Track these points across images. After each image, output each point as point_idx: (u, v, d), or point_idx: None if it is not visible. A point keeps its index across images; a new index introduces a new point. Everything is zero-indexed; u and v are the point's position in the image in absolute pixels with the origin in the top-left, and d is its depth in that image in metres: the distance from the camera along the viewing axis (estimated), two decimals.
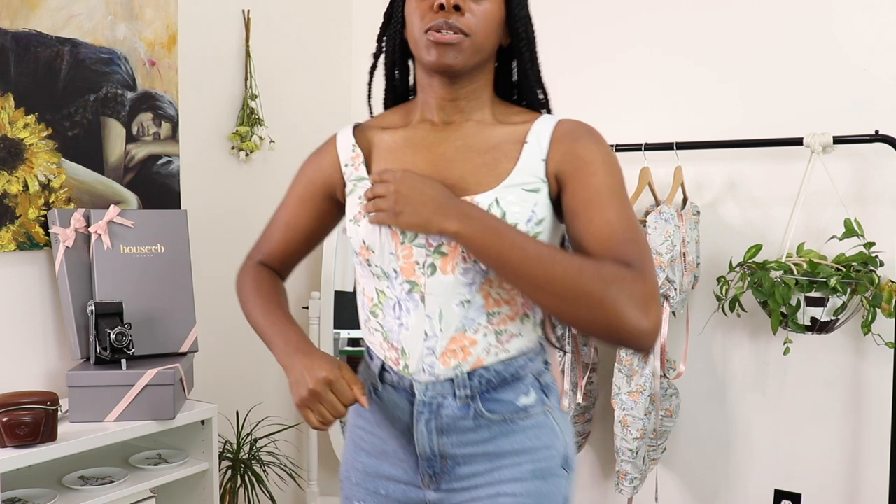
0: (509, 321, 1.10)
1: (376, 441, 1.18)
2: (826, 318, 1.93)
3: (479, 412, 1.09)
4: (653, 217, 2.05)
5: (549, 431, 1.13)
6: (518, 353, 1.11)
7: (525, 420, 1.11)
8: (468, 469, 1.12)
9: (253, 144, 2.47)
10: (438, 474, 1.13)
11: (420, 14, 1.07)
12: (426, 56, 1.07)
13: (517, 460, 1.11)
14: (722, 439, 2.30)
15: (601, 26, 2.45)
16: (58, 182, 2.00)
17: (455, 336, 1.08)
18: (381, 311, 1.13)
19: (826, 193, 2.05)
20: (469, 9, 1.05)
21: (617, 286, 0.93)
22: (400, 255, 1.09)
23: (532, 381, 1.12)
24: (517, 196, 1.06)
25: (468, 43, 1.06)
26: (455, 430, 1.10)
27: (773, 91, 2.19)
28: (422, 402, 1.11)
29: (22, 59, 1.92)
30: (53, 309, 2.01)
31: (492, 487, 1.11)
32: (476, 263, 1.06)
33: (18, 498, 1.73)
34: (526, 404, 1.11)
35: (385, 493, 1.18)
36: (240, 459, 2.40)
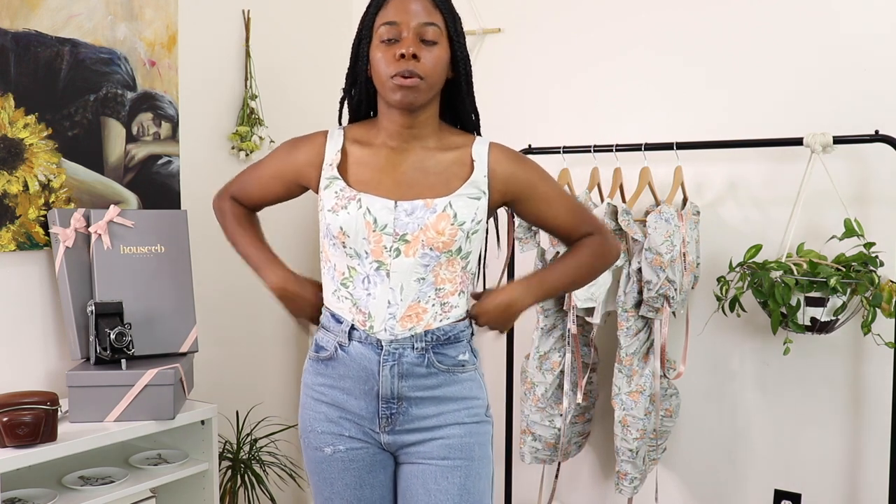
0: (451, 295, 1.42)
1: (338, 393, 1.43)
2: (826, 318, 1.93)
3: (431, 361, 1.40)
4: (653, 217, 2.05)
5: (478, 385, 1.47)
6: (455, 320, 1.43)
7: (462, 373, 1.43)
8: (419, 411, 1.41)
9: (253, 144, 2.47)
10: (394, 415, 1.41)
11: (386, 61, 1.35)
12: (392, 96, 1.36)
13: (456, 407, 1.42)
14: (722, 439, 2.30)
15: (601, 27, 2.45)
16: (58, 182, 2.00)
17: (411, 304, 1.39)
18: (351, 283, 1.41)
19: (826, 193, 2.05)
20: (424, 56, 1.35)
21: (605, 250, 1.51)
22: (371, 239, 1.38)
23: (466, 344, 1.45)
24: (464, 202, 1.39)
25: (424, 85, 1.36)
26: (412, 375, 1.40)
27: (773, 91, 2.19)
28: (387, 352, 1.39)
29: (22, 59, 1.92)
30: (53, 309, 2.01)
31: (439, 430, 1.41)
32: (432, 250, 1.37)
33: (18, 498, 1.73)
34: (463, 360, 1.43)
35: (349, 434, 1.44)
36: (240, 459, 2.40)
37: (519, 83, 2.61)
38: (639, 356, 2.13)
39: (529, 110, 2.58)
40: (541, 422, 2.27)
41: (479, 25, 2.64)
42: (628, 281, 2.11)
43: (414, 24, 1.34)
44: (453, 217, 1.37)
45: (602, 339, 2.36)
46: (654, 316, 2.08)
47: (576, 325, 2.19)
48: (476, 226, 1.40)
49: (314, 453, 1.47)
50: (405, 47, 1.33)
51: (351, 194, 1.39)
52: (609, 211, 2.11)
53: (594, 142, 2.28)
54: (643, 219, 2.12)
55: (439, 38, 1.37)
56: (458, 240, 1.37)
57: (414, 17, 1.35)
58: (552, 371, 2.26)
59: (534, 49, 2.57)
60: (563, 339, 2.27)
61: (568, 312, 2.18)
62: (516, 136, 2.54)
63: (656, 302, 2.05)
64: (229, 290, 2.51)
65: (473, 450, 1.42)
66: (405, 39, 1.34)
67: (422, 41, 1.35)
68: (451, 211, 1.37)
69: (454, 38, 1.40)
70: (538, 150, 2.38)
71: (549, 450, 2.29)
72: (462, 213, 1.38)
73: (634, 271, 2.10)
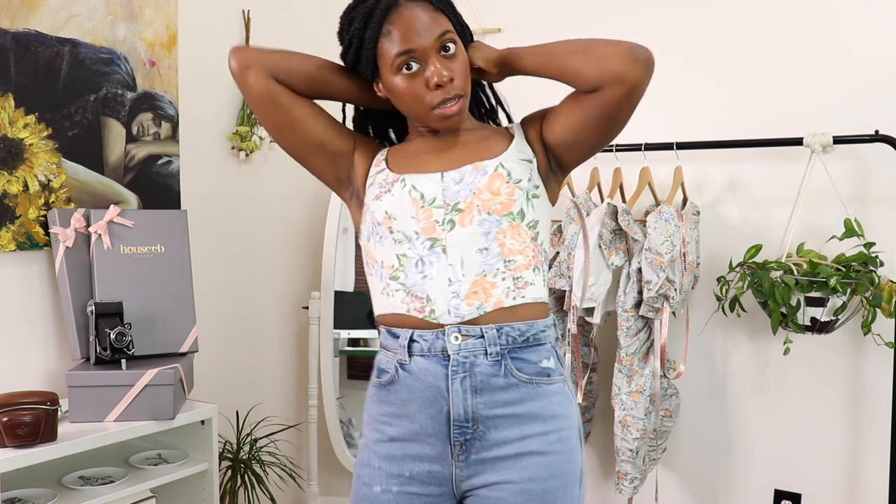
0: (524, 269, 1.22)
1: (403, 422, 1.23)
2: (826, 318, 1.93)
3: (510, 369, 1.19)
4: (653, 217, 2.05)
5: (567, 400, 1.24)
6: (533, 301, 1.22)
7: (548, 385, 1.22)
8: (498, 434, 1.19)
9: (253, 144, 2.47)
10: (469, 441, 1.20)
11: (416, 93, 1.22)
12: (439, 125, 1.26)
13: (543, 428, 1.19)
14: (722, 439, 2.30)
15: (601, 27, 2.44)
16: (58, 182, 2.00)
17: (476, 279, 1.20)
18: (402, 272, 1.23)
19: (826, 193, 2.04)
20: (455, 72, 1.22)
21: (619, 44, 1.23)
22: (420, 217, 1.22)
23: (550, 349, 1.24)
24: (516, 162, 1.25)
25: (465, 103, 1.25)
26: (488, 388, 1.18)
27: (773, 91, 2.19)
28: (456, 361, 1.19)
29: (22, 59, 1.92)
30: (53, 309, 2.01)
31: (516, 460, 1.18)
32: (490, 215, 1.21)
33: (18, 498, 1.73)
34: (548, 367, 1.22)
35: (409, 474, 1.22)
36: (240, 459, 2.40)
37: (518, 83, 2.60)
38: (639, 356, 2.13)
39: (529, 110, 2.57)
40: None
41: (479, 25, 2.63)
42: (628, 281, 2.11)
43: (431, 43, 1.20)
44: (507, 175, 1.22)
45: (602, 339, 2.36)
46: (654, 316, 2.08)
47: (576, 325, 2.19)
48: (535, 189, 1.24)
49: (361, 489, 1.26)
50: (438, 76, 1.20)
51: (394, 178, 1.27)
52: (609, 211, 2.11)
53: None
54: (643, 219, 2.12)
55: (455, 40, 1.24)
56: (517, 200, 1.21)
57: (427, 36, 1.20)
58: None
59: None
60: (563, 339, 2.27)
61: (568, 312, 2.18)
62: None
63: (656, 302, 2.05)
64: (229, 290, 2.51)
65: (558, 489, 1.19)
66: (430, 63, 1.20)
67: (444, 55, 1.22)
68: (503, 170, 1.22)
69: (463, 33, 1.29)
70: None
71: None
72: (516, 172, 1.23)
73: (634, 271, 2.10)
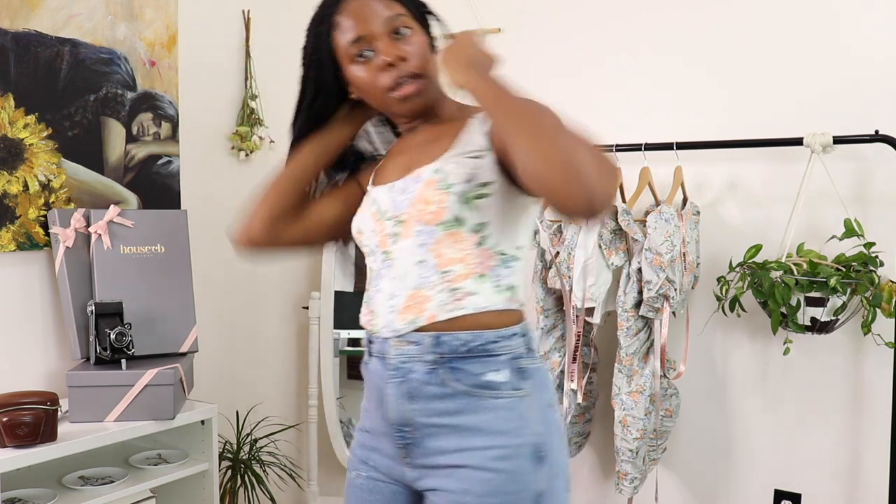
0: (463, 279, 1.14)
1: (368, 416, 1.25)
2: (826, 318, 1.93)
3: (446, 379, 1.13)
4: (653, 217, 2.05)
5: (518, 417, 1.13)
6: (476, 311, 1.14)
7: (494, 399, 1.13)
8: (436, 443, 1.15)
9: (253, 144, 2.47)
10: (410, 446, 1.18)
11: (372, 79, 1.20)
12: (399, 109, 1.22)
13: (483, 443, 1.11)
14: (722, 439, 2.30)
15: (601, 26, 2.45)
16: (58, 182, 2.00)
17: (412, 293, 1.16)
18: (371, 284, 1.25)
19: (826, 193, 2.04)
20: (408, 53, 1.18)
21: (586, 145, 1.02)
22: (377, 230, 1.22)
23: (507, 361, 1.15)
24: (457, 162, 1.16)
25: (424, 83, 1.20)
26: (422, 395, 1.14)
27: (773, 91, 2.19)
28: (394, 366, 1.17)
29: (22, 59, 1.92)
30: (53, 309, 2.01)
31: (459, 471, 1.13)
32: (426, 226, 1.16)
33: (18, 498, 1.73)
34: (493, 381, 1.13)
35: (374, 464, 1.25)
36: (240, 459, 2.40)
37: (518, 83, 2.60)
38: (639, 356, 2.13)
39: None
40: None
41: (479, 25, 2.64)
42: (628, 281, 2.11)
43: (380, 27, 1.19)
44: (440, 181, 1.15)
45: (602, 339, 2.36)
46: (654, 316, 2.08)
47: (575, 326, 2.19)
48: (482, 188, 1.14)
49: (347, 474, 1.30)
50: (386, 54, 1.18)
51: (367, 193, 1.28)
52: (609, 211, 2.11)
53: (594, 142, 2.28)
54: (643, 219, 2.12)
55: (410, 24, 1.21)
56: (448, 207, 1.13)
57: (375, 20, 1.19)
58: (552, 371, 2.26)
59: (533, 49, 2.56)
60: (563, 339, 2.27)
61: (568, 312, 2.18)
62: None
63: (656, 302, 2.05)
64: (229, 290, 2.51)
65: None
66: (380, 46, 1.18)
67: (394, 38, 1.19)
68: (438, 175, 1.15)
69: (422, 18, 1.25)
70: None
71: None
72: (453, 175, 1.14)
73: (634, 271, 2.10)
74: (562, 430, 1.20)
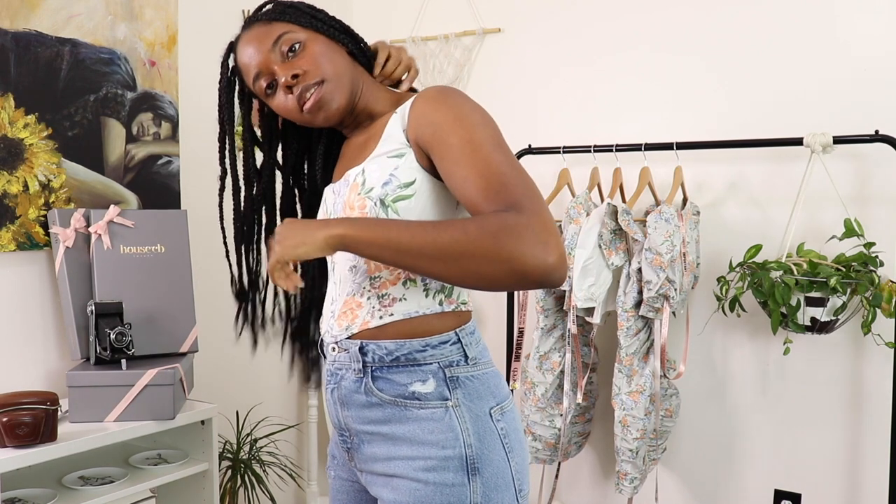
0: (390, 285, 1.13)
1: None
2: (826, 318, 1.93)
3: (370, 388, 1.12)
4: (653, 217, 2.05)
5: (446, 428, 1.09)
6: (404, 317, 1.12)
7: (419, 409, 1.10)
8: (370, 450, 1.15)
9: None
10: (352, 451, 1.20)
11: (284, 105, 1.17)
12: (317, 121, 1.18)
13: (411, 453, 1.10)
14: (722, 439, 2.30)
15: (601, 26, 2.45)
16: (58, 182, 2.00)
17: (347, 299, 1.16)
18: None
19: (826, 193, 2.05)
20: (301, 66, 1.15)
21: (506, 233, 0.94)
22: None
23: (435, 371, 1.11)
24: (378, 164, 1.12)
25: (329, 87, 1.16)
26: (352, 403, 1.15)
27: (773, 91, 2.19)
28: (330, 371, 1.19)
29: (22, 59, 1.92)
30: (53, 309, 2.01)
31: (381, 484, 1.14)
32: None
33: (18, 498, 1.73)
34: (419, 391, 1.10)
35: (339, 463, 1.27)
36: (240, 459, 2.40)
37: (519, 83, 2.61)
38: (639, 356, 2.13)
39: (529, 110, 2.58)
40: (541, 422, 2.27)
41: (479, 25, 2.64)
42: (628, 281, 2.11)
43: (267, 56, 1.16)
44: (361, 185, 1.12)
45: (602, 339, 2.36)
46: (654, 316, 2.08)
47: (576, 325, 2.19)
48: (402, 190, 1.09)
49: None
50: (284, 77, 1.15)
51: None
52: (609, 211, 2.11)
53: (594, 142, 2.28)
54: (643, 219, 2.12)
55: (300, 38, 1.17)
56: (369, 212, 1.10)
57: (260, 51, 1.17)
58: (552, 371, 2.26)
59: (533, 49, 2.57)
60: (563, 339, 2.27)
61: (568, 312, 2.18)
62: (516, 135, 2.54)
63: (656, 302, 2.05)
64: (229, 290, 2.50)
65: None
66: (277, 71, 1.16)
67: (287, 57, 1.16)
68: (361, 178, 1.13)
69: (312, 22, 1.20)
70: (538, 150, 2.38)
71: (550, 450, 2.29)
72: (372, 178, 1.11)
73: (634, 271, 2.10)
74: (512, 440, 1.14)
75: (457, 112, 1.06)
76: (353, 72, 1.20)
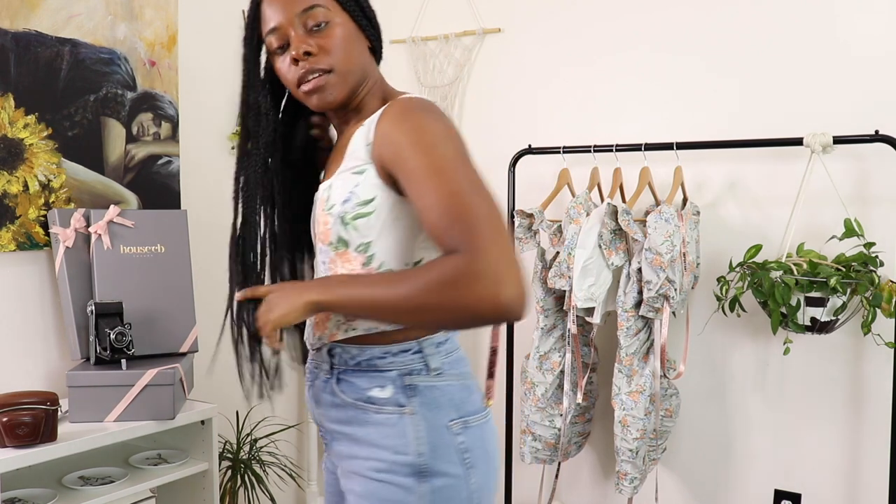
0: None
1: None
2: (826, 318, 1.93)
3: (334, 389, 1.16)
4: (653, 217, 2.05)
5: (399, 434, 1.10)
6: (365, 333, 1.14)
7: (377, 414, 1.12)
8: (339, 447, 1.19)
9: None
10: (327, 446, 1.24)
11: (285, 73, 1.16)
12: (310, 103, 1.16)
13: (367, 454, 1.12)
14: (722, 439, 2.30)
15: (601, 26, 2.45)
16: (58, 182, 2.00)
17: None
18: None
19: (826, 193, 2.05)
20: (320, 47, 1.12)
21: (450, 286, 0.95)
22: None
23: (394, 378, 1.12)
24: (343, 179, 1.11)
25: (334, 78, 1.14)
26: (323, 402, 1.19)
27: (773, 91, 2.19)
28: (307, 369, 1.24)
29: (22, 59, 1.92)
30: (53, 309, 2.01)
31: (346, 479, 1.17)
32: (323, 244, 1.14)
33: (18, 498, 1.73)
34: (375, 396, 1.12)
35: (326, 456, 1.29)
36: (240, 459, 2.40)
37: (519, 83, 2.61)
38: (639, 356, 2.13)
39: (529, 110, 2.58)
40: (541, 422, 2.27)
41: (479, 25, 2.64)
42: (628, 281, 2.11)
43: (291, 17, 1.13)
44: (326, 200, 1.13)
45: (602, 339, 2.36)
46: (654, 316, 2.08)
47: (576, 325, 2.19)
48: (357, 207, 1.09)
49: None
50: (295, 48, 1.12)
51: None
52: (609, 211, 2.11)
53: (594, 142, 2.28)
54: (643, 219, 2.12)
55: (330, 16, 1.14)
56: (332, 228, 1.11)
57: (289, 10, 1.13)
58: (552, 371, 2.26)
59: (534, 49, 2.56)
60: (563, 339, 2.27)
61: (568, 312, 2.18)
62: (516, 135, 2.55)
63: (656, 302, 2.05)
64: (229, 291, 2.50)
65: None
66: (293, 39, 1.13)
67: (310, 31, 1.13)
68: (328, 193, 1.13)
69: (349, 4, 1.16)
70: (538, 150, 2.38)
71: (549, 450, 2.29)
72: (335, 194, 1.11)
73: (634, 271, 2.10)
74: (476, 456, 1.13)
75: (417, 132, 1.04)
76: (365, 69, 1.18)
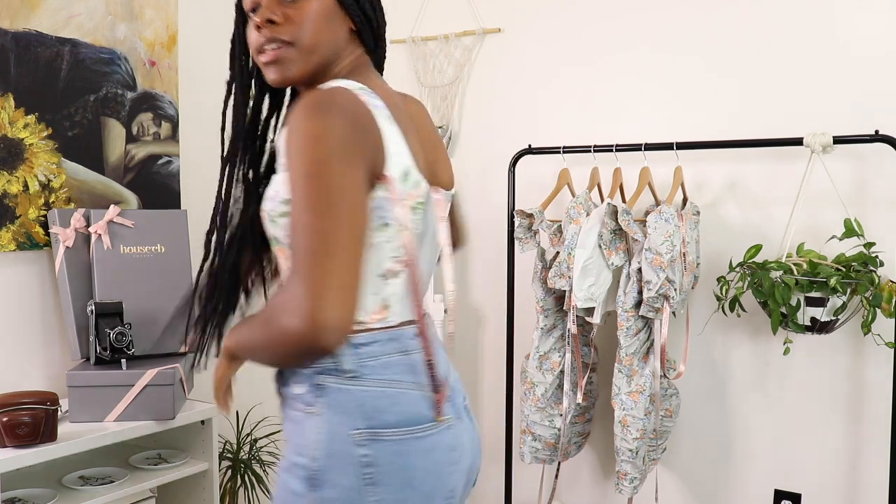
0: None
1: None
2: (826, 318, 1.93)
3: (277, 380, 1.16)
4: (653, 217, 2.05)
5: (300, 433, 1.06)
6: None
7: (292, 410, 1.10)
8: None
9: None
10: None
11: (250, 34, 1.10)
12: (268, 77, 1.10)
13: (284, 449, 1.11)
14: (722, 439, 2.30)
15: (601, 26, 2.45)
16: (58, 182, 2.00)
17: None
18: None
19: (826, 193, 2.05)
20: (286, 17, 1.06)
21: (266, 322, 1.00)
22: None
23: (310, 375, 1.06)
24: (277, 176, 1.06)
25: (293, 52, 1.07)
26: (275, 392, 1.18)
27: (773, 91, 2.19)
28: None
29: (22, 59, 1.92)
30: (53, 309, 2.01)
31: None
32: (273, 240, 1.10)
33: (18, 498, 1.73)
34: (293, 392, 1.10)
35: None
36: (240, 459, 2.40)
37: (519, 83, 2.61)
38: (639, 356, 2.13)
39: (529, 110, 2.58)
40: (541, 422, 2.27)
41: (479, 25, 2.63)
42: (628, 281, 2.11)
43: None
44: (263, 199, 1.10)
45: (602, 339, 2.36)
46: (654, 316, 2.08)
47: (576, 325, 2.19)
48: (280, 206, 1.04)
49: None
50: (259, 14, 1.06)
51: None
52: (609, 211, 2.11)
53: (594, 142, 2.28)
54: (643, 219, 2.12)
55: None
56: (267, 226, 1.09)
57: None
58: (552, 371, 2.26)
59: (534, 49, 2.56)
60: (563, 339, 2.27)
61: (568, 312, 2.18)
62: (516, 135, 2.55)
63: (656, 302, 2.05)
64: None
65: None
66: (263, 3, 1.07)
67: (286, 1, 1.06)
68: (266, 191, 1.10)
69: None
70: (538, 150, 2.38)
71: (549, 450, 2.29)
72: (268, 192, 1.08)
73: (634, 271, 2.10)
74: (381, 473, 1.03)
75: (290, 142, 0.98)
76: (333, 50, 1.10)
